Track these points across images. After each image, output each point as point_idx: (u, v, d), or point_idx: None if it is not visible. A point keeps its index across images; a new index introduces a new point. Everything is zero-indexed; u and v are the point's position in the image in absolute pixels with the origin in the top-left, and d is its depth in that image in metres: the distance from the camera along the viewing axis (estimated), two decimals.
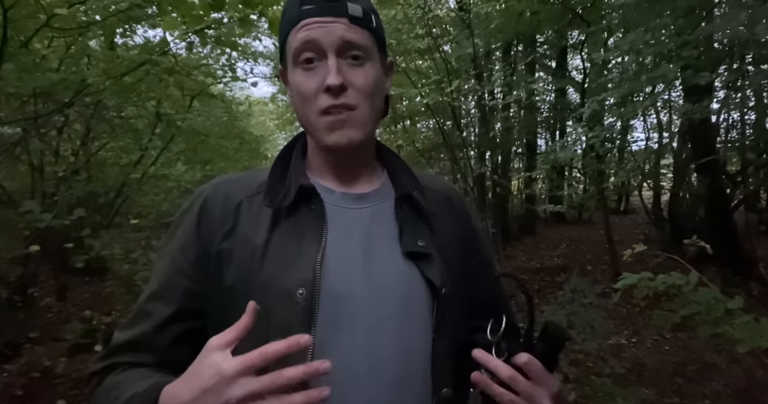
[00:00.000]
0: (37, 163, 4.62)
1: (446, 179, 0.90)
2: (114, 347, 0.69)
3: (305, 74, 0.68)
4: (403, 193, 0.73)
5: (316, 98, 0.67)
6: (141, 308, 0.69)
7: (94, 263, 4.19)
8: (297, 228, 0.68)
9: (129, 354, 0.67)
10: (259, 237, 0.67)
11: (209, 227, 0.69)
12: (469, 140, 6.84)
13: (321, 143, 0.69)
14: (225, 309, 0.65)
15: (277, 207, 0.68)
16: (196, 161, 7.27)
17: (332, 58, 0.66)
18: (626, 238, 7.28)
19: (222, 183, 0.74)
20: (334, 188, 0.74)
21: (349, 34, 0.66)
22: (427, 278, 0.68)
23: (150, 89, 4.48)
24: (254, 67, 14.91)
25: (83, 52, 4.31)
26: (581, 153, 5.76)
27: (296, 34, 0.68)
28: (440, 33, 6.58)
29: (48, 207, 3.68)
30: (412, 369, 0.66)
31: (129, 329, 0.69)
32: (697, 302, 2.02)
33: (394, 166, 0.78)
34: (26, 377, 3.21)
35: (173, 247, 0.71)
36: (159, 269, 0.71)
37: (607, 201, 7.05)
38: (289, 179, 0.71)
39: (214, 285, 0.68)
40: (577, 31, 6.85)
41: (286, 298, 0.63)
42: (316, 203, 0.69)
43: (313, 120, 0.68)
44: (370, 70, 0.69)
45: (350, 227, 0.70)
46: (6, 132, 4.21)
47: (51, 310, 4.71)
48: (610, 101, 4.71)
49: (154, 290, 0.69)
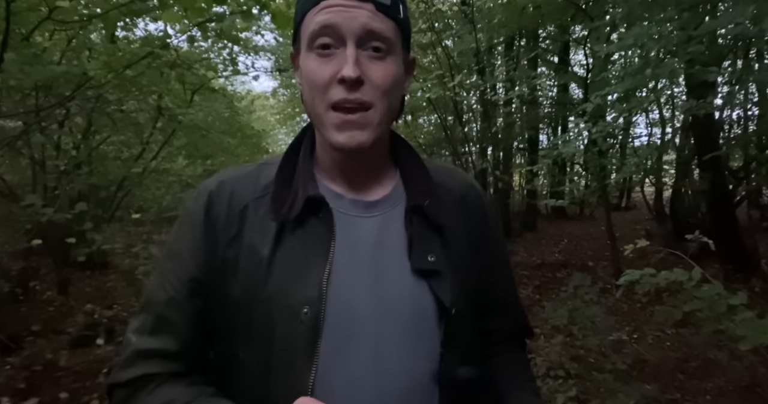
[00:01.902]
0: (39, 156, 4.62)
1: (462, 171, 0.86)
2: (136, 353, 0.64)
3: (319, 61, 0.62)
4: (414, 204, 0.68)
5: (328, 89, 0.61)
6: (160, 314, 0.65)
7: (96, 257, 4.20)
8: (304, 240, 0.64)
9: (156, 363, 0.64)
10: (265, 247, 0.64)
11: (214, 231, 0.66)
12: (471, 136, 6.83)
13: (327, 140, 0.64)
14: (230, 318, 0.64)
15: (283, 220, 0.64)
16: (198, 155, 7.28)
17: (351, 47, 0.60)
18: (628, 234, 7.28)
19: (226, 181, 0.70)
20: (344, 193, 0.69)
21: (373, 23, 0.61)
22: (437, 296, 0.65)
23: (151, 83, 4.46)
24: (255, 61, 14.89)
25: (84, 45, 4.30)
26: (583, 149, 5.74)
27: (315, 15, 0.62)
28: (443, 27, 6.55)
29: (49, 201, 3.68)
30: (419, 388, 0.64)
31: (152, 336, 0.65)
32: (700, 298, 2.02)
33: (409, 164, 0.73)
34: (28, 370, 3.22)
35: (181, 249, 0.67)
36: (170, 273, 0.67)
37: (609, 197, 7.04)
38: (296, 183, 0.67)
39: (219, 294, 0.65)
40: (580, 26, 6.81)
41: (290, 316, 0.60)
42: (325, 213, 0.65)
43: (321, 113, 0.63)
44: (390, 66, 0.63)
45: (359, 239, 0.66)
46: (7, 125, 4.21)
47: (53, 303, 4.72)
48: (613, 96, 4.69)
49: (171, 297, 0.65)
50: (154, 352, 0.64)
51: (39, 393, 2.98)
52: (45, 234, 3.83)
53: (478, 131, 6.84)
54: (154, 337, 0.65)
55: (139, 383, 0.63)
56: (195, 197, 0.70)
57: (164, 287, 0.66)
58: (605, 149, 5.60)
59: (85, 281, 5.61)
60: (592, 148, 5.29)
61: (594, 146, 5.16)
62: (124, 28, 4.61)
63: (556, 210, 11.81)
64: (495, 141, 7.07)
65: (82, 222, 3.81)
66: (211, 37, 4.46)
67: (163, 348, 0.64)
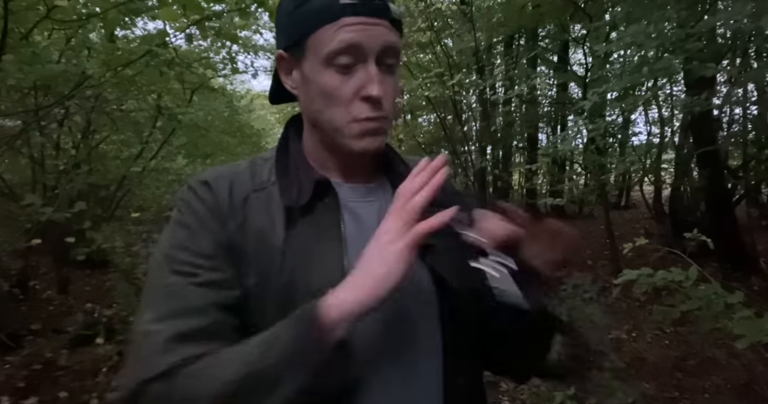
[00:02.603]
0: (38, 156, 4.62)
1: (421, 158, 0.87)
2: (171, 338, 0.56)
3: (340, 78, 0.63)
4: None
5: (350, 105, 0.63)
6: (183, 296, 0.59)
7: (96, 256, 4.19)
8: (314, 225, 0.66)
9: (197, 344, 0.56)
10: (275, 236, 0.64)
11: (220, 213, 0.64)
12: (471, 135, 6.83)
13: (345, 147, 0.66)
14: (246, 305, 0.62)
15: (295, 205, 0.65)
16: (197, 154, 7.29)
17: (373, 65, 0.62)
18: (627, 233, 7.29)
19: (224, 174, 0.69)
20: (341, 181, 0.72)
21: (390, 41, 0.63)
22: (435, 272, 0.68)
23: (150, 82, 4.46)
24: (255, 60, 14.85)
25: (84, 44, 4.29)
26: (582, 147, 5.75)
27: (334, 32, 0.61)
28: (442, 26, 6.55)
29: (49, 200, 3.68)
30: (422, 362, 0.67)
31: (179, 319, 0.58)
32: (698, 297, 2.02)
33: (390, 156, 0.77)
34: (28, 369, 3.23)
35: (188, 235, 0.64)
36: (181, 256, 0.62)
37: (608, 196, 7.05)
38: (294, 173, 0.68)
39: (233, 279, 0.62)
40: (579, 26, 6.81)
41: (315, 299, 0.59)
42: (330, 198, 0.67)
43: (340, 125, 0.65)
44: (396, 78, 0.67)
45: (363, 222, 0.68)
46: (6, 125, 4.21)
47: (52, 303, 4.73)
48: (612, 95, 4.69)
49: (207, 277, 0.61)
50: (192, 332, 0.57)
51: (38, 392, 2.99)
52: (45, 233, 3.83)
53: (478, 130, 6.84)
54: (189, 319, 0.58)
55: (180, 368, 0.55)
56: (192, 187, 0.67)
57: (178, 271, 0.61)
58: (603, 147, 5.60)
59: (85, 280, 5.62)
60: (590, 146, 5.30)
61: (592, 143, 5.16)
62: (123, 27, 4.61)
63: (556, 209, 11.82)
64: (494, 140, 7.08)
65: (82, 221, 3.82)
66: (210, 36, 4.46)
67: (202, 326, 0.58)
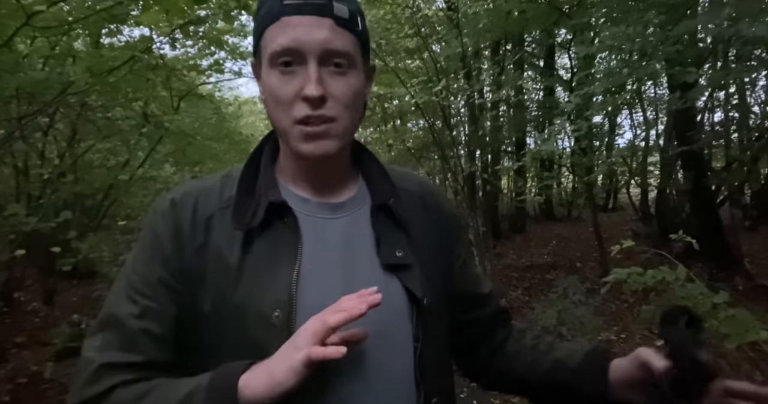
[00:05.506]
0: (22, 165, 4.56)
1: (417, 174, 0.87)
2: (104, 366, 0.61)
3: (282, 78, 0.63)
4: (379, 202, 0.70)
5: (293, 106, 0.62)
6: (130, 328, 0.62)
7: (82, 266, 4.15)
8: (271, 245, 0.64)
9: (129, 372, 0.61)
10: (232, 256, 0.63)
11: (180, 240, 0.65)
12: (459, 139, 6.86)
13: (294, 150, 0.65)
14: (200, 331, 0.63)
15: (246, 229, 0.64)
16: (185, 162, 7.21)
17: (312, 65, 0.61)
18: (615, 235, 7.36)
19: (190, 192, 0.69)
20: (309, 196, 0.70)
21: (333, 41, 0.61)
22: (408, 289, 0.66)
23: (136, 89, 4.43)
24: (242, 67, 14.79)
25: (68, 52, 4.25)
26: (569, 151, 5.81)
27: (275, 33, 0.62)
28: (429, 32, 6.59)
29: (33, 210, 3.63)
30: (396, 381, 0.65)
31: (120, 352, 0.61)
32: (684, 297, 2.04)
33: (370, 169, 0.75)
34: (13, 382, 3.17)
35: (148, 259, 0.65)
36: (138, 284, 0.64)
37: (596, 199, 7.12)
38: (259, 191, 0.67)
39: (189, 305, 0.64)
40: (565, 30, 6.90)
41: (262, 321, 0.60)
42: (289, 217, 0.66)
43: (286, 127, 0.64)
44: (352, 80, 0.64)
45: (327, 240, 0.67)
46: None
47: (38, 314, 4.65)
48: (597, 98, 4.76)
49: (145, 306, 0.63)
50: (125, 365, 0.61)
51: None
52: (29, 244, 3.77)
53: (466, 135, 6.88)
54: (124, 352, 0.62)
55: (112, 392, 0.60)
56: (157, 208, 0.68)
57: (133, 299, 0.64)
58: (588, 148, 5.66)
59: (71, 290, 5.54)
60: (576, 149, 5.36)
61: (577, 142, 5.23)
62: (108, 34, 4.57)
63: (545, 212, 11.91)
64: (483, 144, 7.11)
65: (67, 231, 3.77)
66: (193, 40, 4.43)
67: (135, 361, 0.61)
